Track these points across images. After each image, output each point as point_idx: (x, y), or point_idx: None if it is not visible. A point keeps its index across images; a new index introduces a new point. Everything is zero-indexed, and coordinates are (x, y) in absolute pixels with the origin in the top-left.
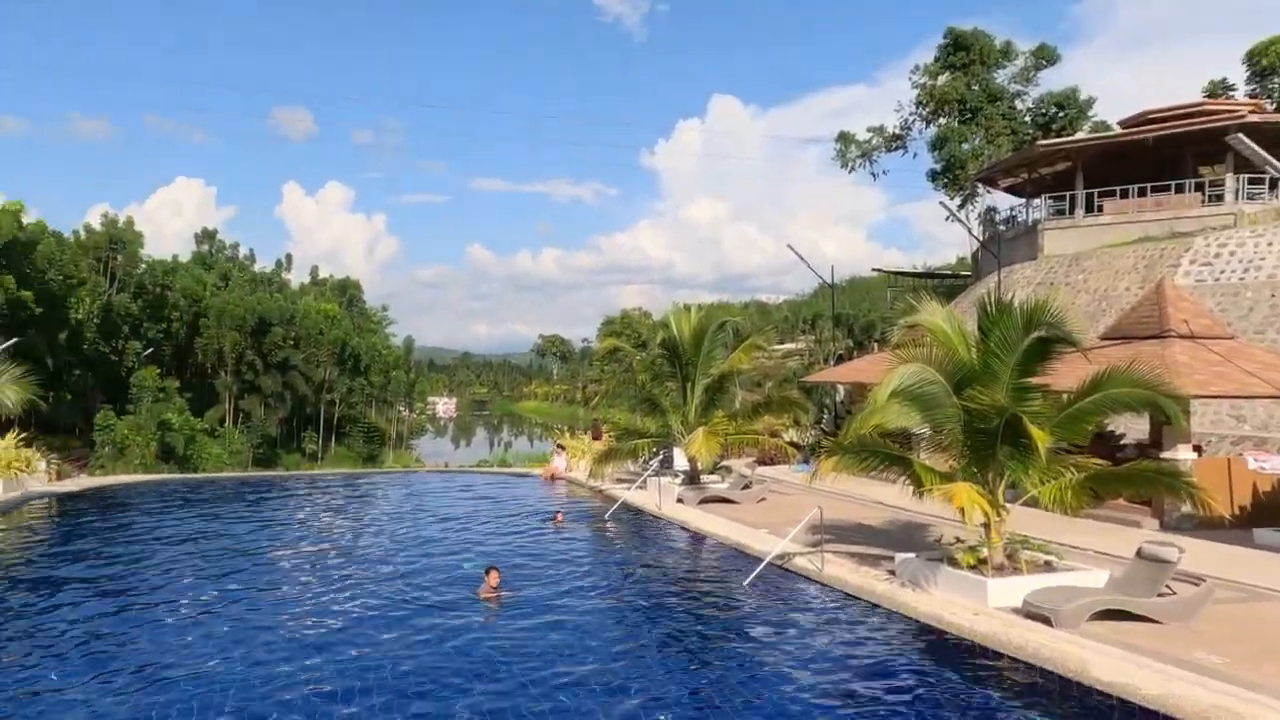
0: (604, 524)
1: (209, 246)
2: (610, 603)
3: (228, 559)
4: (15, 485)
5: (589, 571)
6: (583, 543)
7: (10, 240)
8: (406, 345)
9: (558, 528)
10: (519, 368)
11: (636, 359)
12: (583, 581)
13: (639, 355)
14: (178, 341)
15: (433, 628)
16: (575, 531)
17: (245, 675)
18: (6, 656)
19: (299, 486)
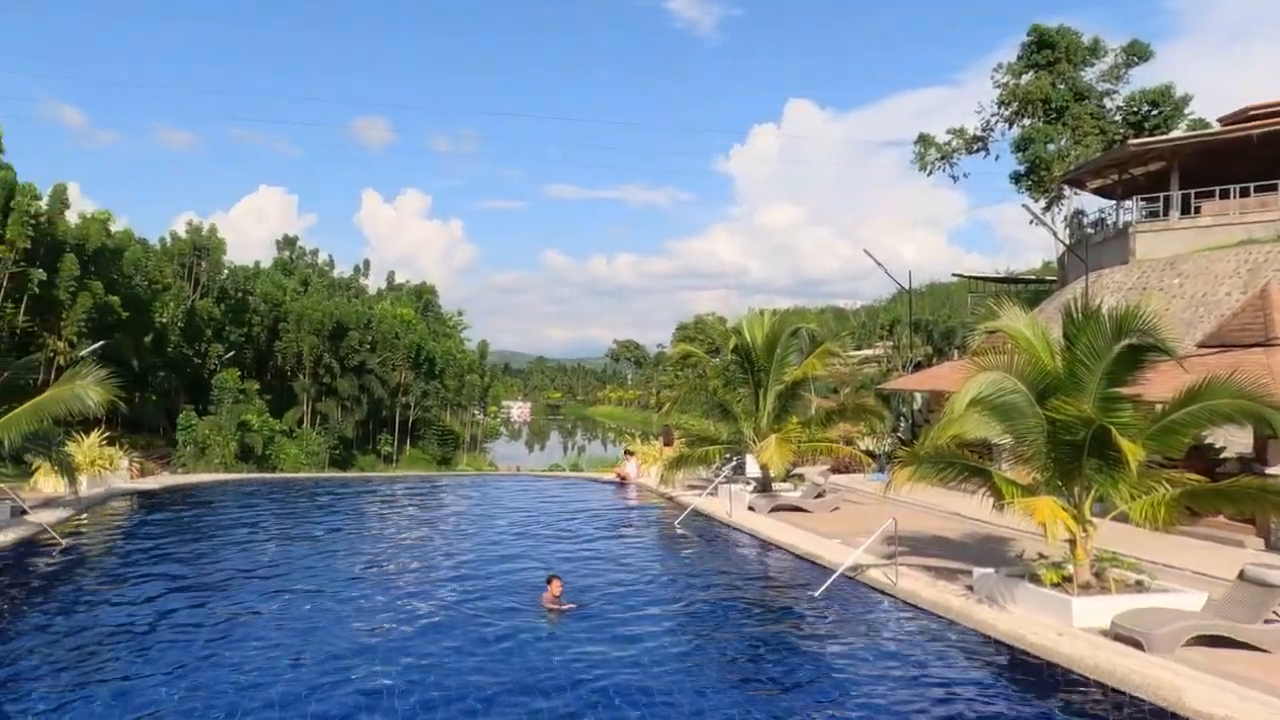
0: (674, 531)
1: (290, 253)
2: (678, 613)
3: (301, 558)
4: (99, 482)
5: (657, 580)
6: (651, 550)
7: (99, 247)
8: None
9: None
10: (593, 372)
11: (709, 365)
12: (650, 590)
13: (712, 361)
14: (258, 345)
15: (496, 638)
16: (644, 538)
17: (306, 677)
18: (85, 646)
19: (374, 488)
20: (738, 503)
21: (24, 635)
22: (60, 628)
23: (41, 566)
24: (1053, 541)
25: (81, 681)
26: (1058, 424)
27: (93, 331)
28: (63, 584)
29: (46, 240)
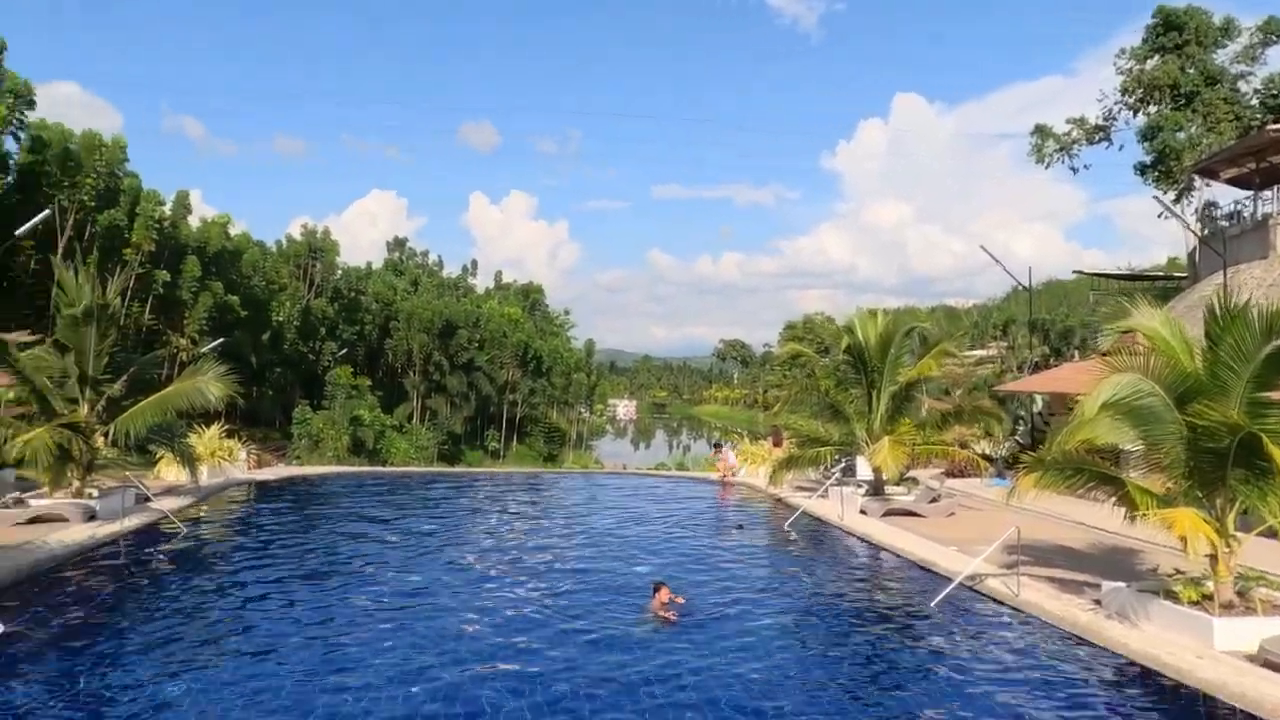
0: (783, 533)
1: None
2: (788, 618)
3: (408, 550)
4: (218, 472)
5: (767, 583)
6: (761, 552)
7: (219, 250)
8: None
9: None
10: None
11: (819, 365)
12: (760, 594)
13: (821, 361)
14: (370, 343)
15: (600, 641)
16: (754, 540)
17: (406, 668)
18: (200, 627)
19: (481, 483)
20: (849, 506)
21: (145, 615)
22: (179, 609)
23: (163, 551)
24: (1192, 556)
25: (195, 660)
26: (1199, 430)
27: (213, 329)
28: (182, 568)
29: (170, 243)
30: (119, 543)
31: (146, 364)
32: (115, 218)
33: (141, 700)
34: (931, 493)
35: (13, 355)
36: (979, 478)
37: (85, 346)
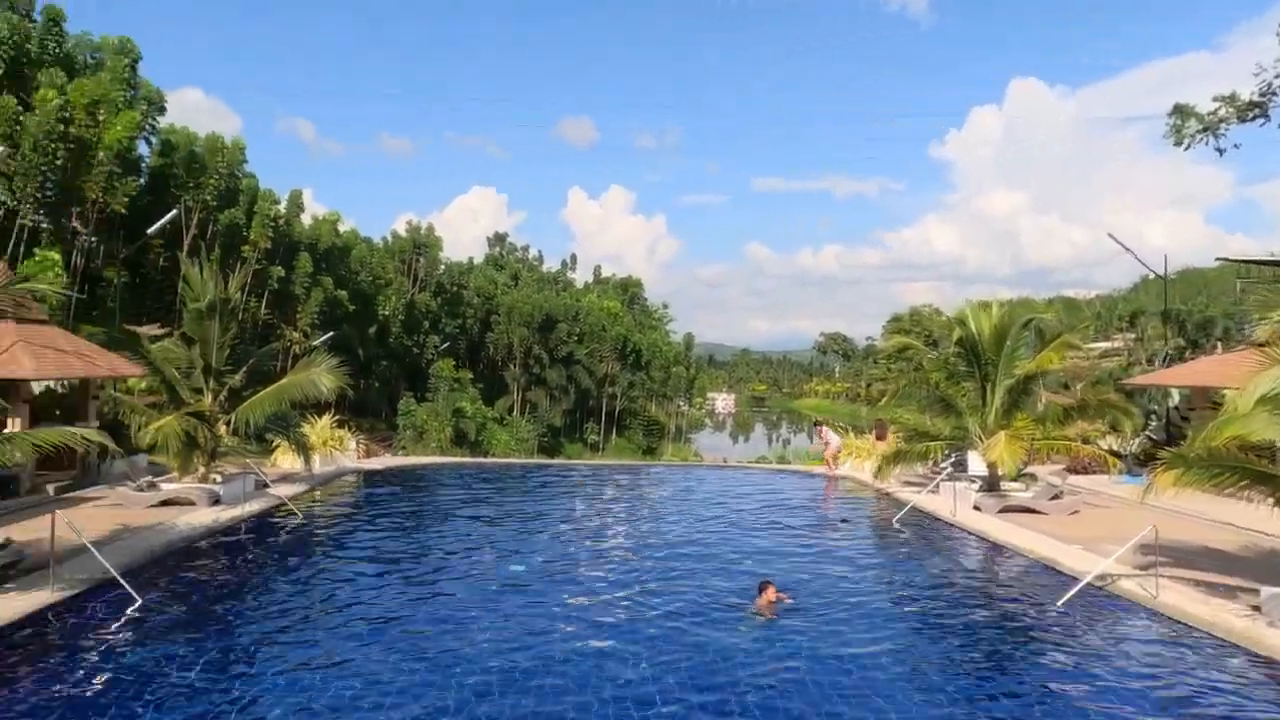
0: (891, 528)
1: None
2: (900, 616)
3: (509, 538)
4: (330, 461)
5: (876, 579)
6: (869, 547)
7: (329, 246)
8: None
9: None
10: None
11: (927, 358)
12: (869, 590)
13: (930, 354)
14: (471, 336)
15: (701, 641)
16: (860, 535)
17: (503, 657)
18: (314, 605)
19: (581, 475)
20: (962, 501)
21: (266, 592)
22: (296, 588)
23: (282, 534)
24: None
25: (311, 635)
26: None
27: (324, 323)
28: (299, 550)
29: (284, 240)
30: (241, 526)
31: (264, 356)
32: (235, 216)
33: (262, 670)
34: (1052, 489)
35: (145, 347)
36: (1106, 474)
37: (209, 339)
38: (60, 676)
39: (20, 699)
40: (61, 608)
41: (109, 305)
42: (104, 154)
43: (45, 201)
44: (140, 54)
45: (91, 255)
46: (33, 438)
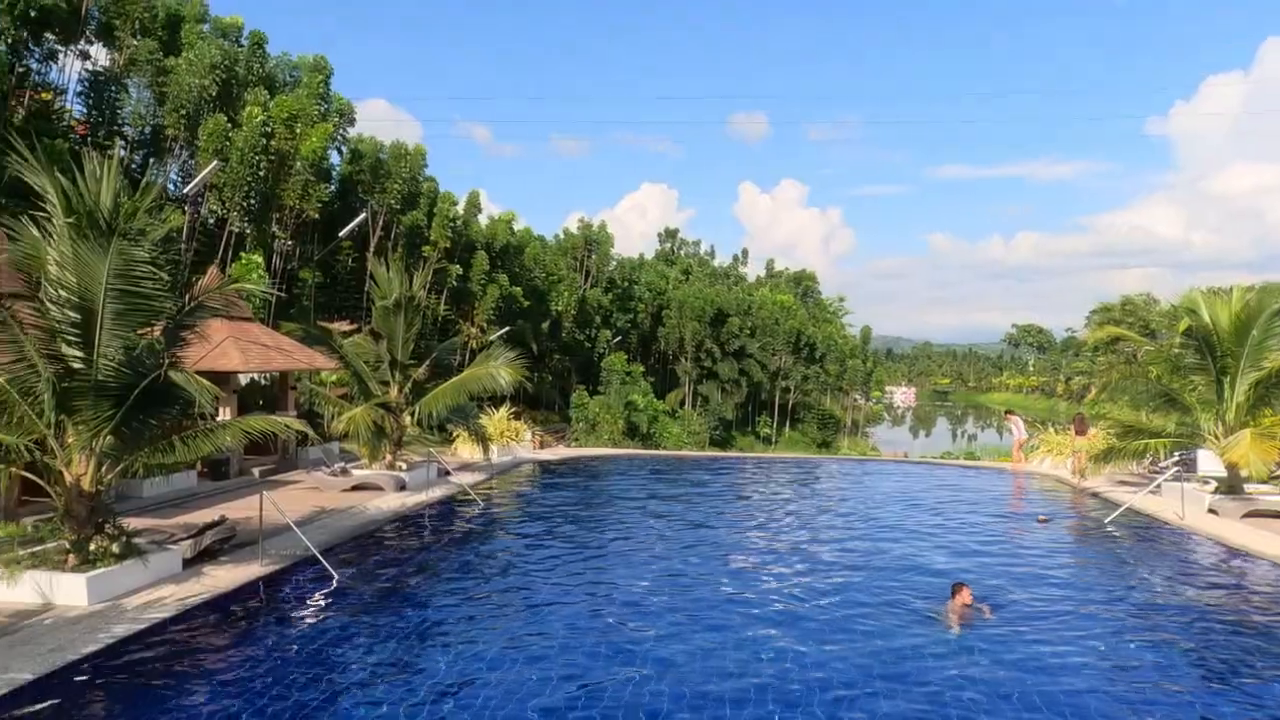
0: (1101, 530)
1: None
2: (1118, 628)
3: (682, 531)
4: (507, 452)
5: (1088, 587)
6: (1076, 551)
7: (504, 245)
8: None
9: (1042, 525)
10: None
11: (1144, 349)
12: (1080, 599)
13: (1147, 345)
14: (642, 331)
15: (888, 644)
16: (1064, 537)
17: (680, 655)
18: (495, 587)
19: (753, 468)
20: (1192, 504)
21: (450, 574)
22: (476, 570)
23: (463, 519)
24: None
25: (490, 615)
26: None
27: (499, 318)
28: (480, 535)
29: (462, 240)
30: (425, 511)
31: (445, 350)
32: (416, 218)
33: (448, 645)
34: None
35: (337, 342)
36: None
37: (395, 334)
38: (268, 641)
39: (233, 659)
40: (269, 580)
41: (304, 303)
42: (300, 164)
43: (249, 209)
44: (332, 70)
45: (289, 257)
46: (244, 425)
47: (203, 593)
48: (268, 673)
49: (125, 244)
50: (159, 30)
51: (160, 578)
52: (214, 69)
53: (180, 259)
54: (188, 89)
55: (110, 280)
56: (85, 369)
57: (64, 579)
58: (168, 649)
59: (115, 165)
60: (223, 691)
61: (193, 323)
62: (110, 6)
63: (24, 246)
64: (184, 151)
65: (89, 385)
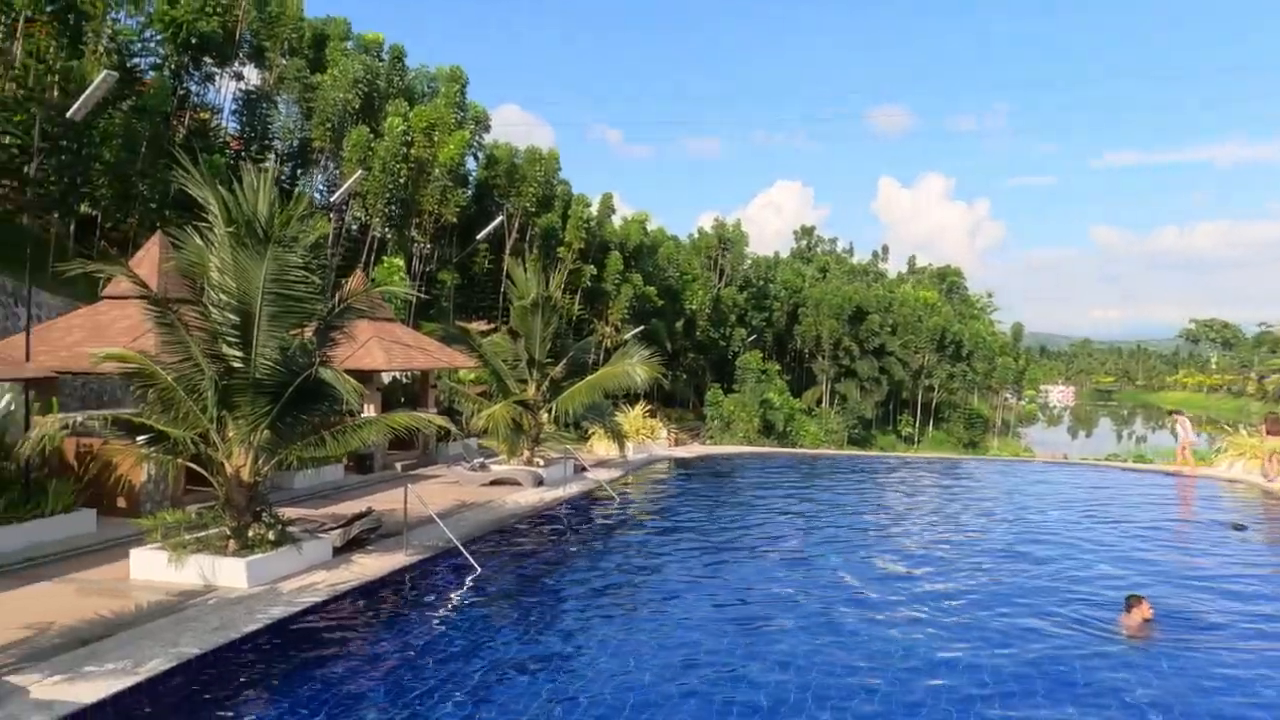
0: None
1: (807, 242)
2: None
3: (822, 532)
4: (642, 449)
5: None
6: (1272, 562)
7: (638, 245)
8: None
9: (1238, 534)
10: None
11: None
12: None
13: None
14: (778, 329)
15: (1049, 659)
16: (1258, 547)
17: (819, 655)
18: (630, 582)
19: (893, 467)
20: None
21: (586, 567)
22: (612, 565)
23: (599, 515)
24: None
25: (625, 607)
26: None
27: (633, 317)
28: (615, 531)
29: (596, 241)
30: (562, 506)
31: (581, 349)
32: (551, 220)
33: (587, 637)
34: None
35: (476, 341)
36: None
37: (533, 333)
38: (413, 627)
39: (380, 643)
40: (414, 570)
41: (443, 304)
42: (439, 171)
43: (391, 215)
44: (467, 79)
45: (428, 260)
46: (390, 420)
47: (352, 579)
48: (412, 657)
49: (280, 250)
50: (306, 49)
51: (312, 564)
52: (357, 83)
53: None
54: (333, 103)
55: (266, 284)
56: (244, 368)
57: (225, 563)
58: (320, 631)
59: (270, 177)
60: (370, 672)
61: (341, 324)
62: (261, 30)
63: (189, 254)
64: (329, 162)
65: (248, 383)
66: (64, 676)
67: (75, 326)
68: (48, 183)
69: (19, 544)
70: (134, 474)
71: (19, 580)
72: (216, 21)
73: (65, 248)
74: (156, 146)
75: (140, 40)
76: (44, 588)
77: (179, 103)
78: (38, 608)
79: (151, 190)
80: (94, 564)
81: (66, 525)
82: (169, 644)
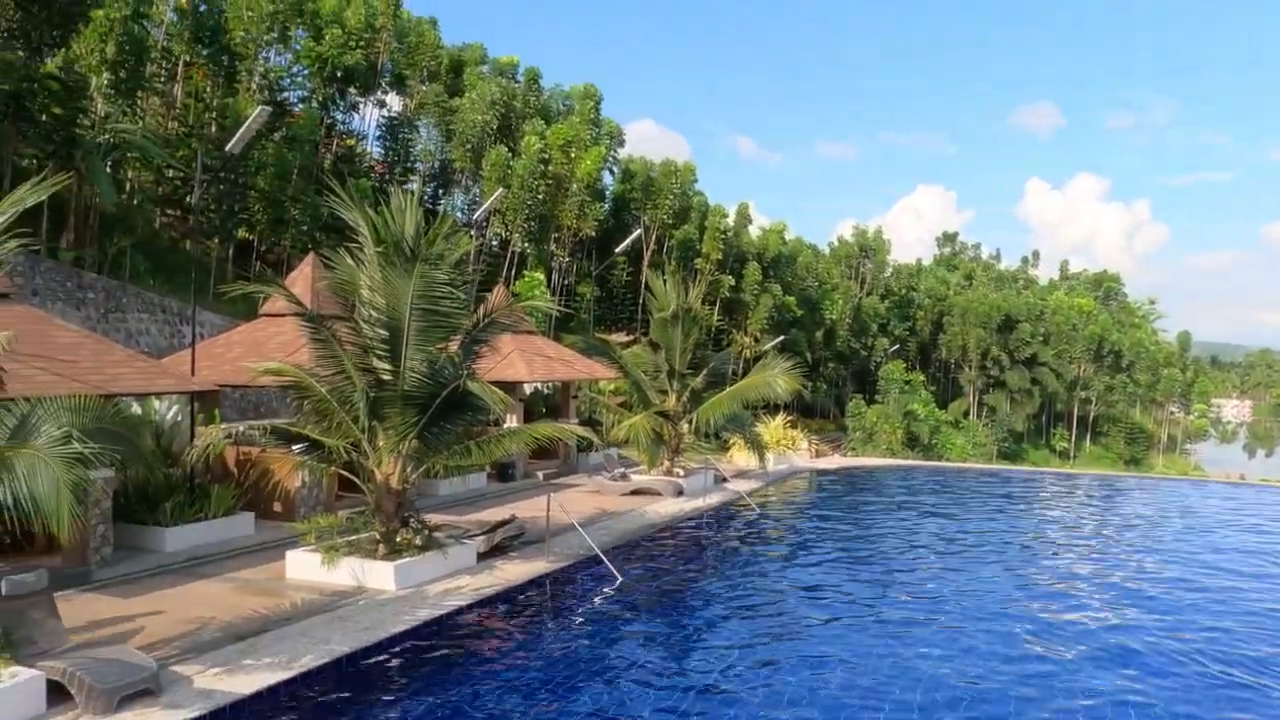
0: None
1: (950, 248)
2: None
3: (964, 549)
4: (783, 460)
5: None
6: None
7: (775, 255)
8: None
9: None
10: None
11: None
12: None
13: None
14: (921, 338)
15: (1227, 690)
16: None
17: (964, 673)
18: (773, 597)
19: (1048, 484)
20: None
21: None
22: (752, 577)
23: (740, 526)
24: None
25: (766, 621)
26: None
27: (772, 328)
28: (755, 542)
29: (733, 251)
30: (702, 516)
31: (721, 360)
32: (688, 232)
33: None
34: None
35: (617, 353)
36: None
37: (673, 344)
38: (553, 632)
39: (521, 646)
40: (555, 576)
41: (583, 317)
42: (576, 186)
43: (530, 231)
44: (601, 96)
45: (567, 273)
46: (534, 431)
47: (495, 584)
48: (551, 660)
49: (426, 268)
50: (444, 75)
51: (457, 569)
52: (494, 105)
53: (471, 280)
54: (471, 125)
55: (414, 301)
56: (394, 380)
57: (375, 566)
58: (463, 632)
59: (415, 199)
60: (509, 674)
61: (485, 338)
62: (401, 59)
63: (340, 273)
64: (470, 181)
65: (397, 395)
66: (223, 668)
67: (235, 343)
68: (208, 211)
69: (184, 544)
70: (290, 480)
71: (184, 578)
72: (360, 54)
73: (225, 270)
74: (307, 174)
75: (289, 75)
76: (205, 585)
77: (326, 131)
78: (200, 604)
79: (303, 214)
80: (252, 564)
81: (228, 528)
82: (321, 641)
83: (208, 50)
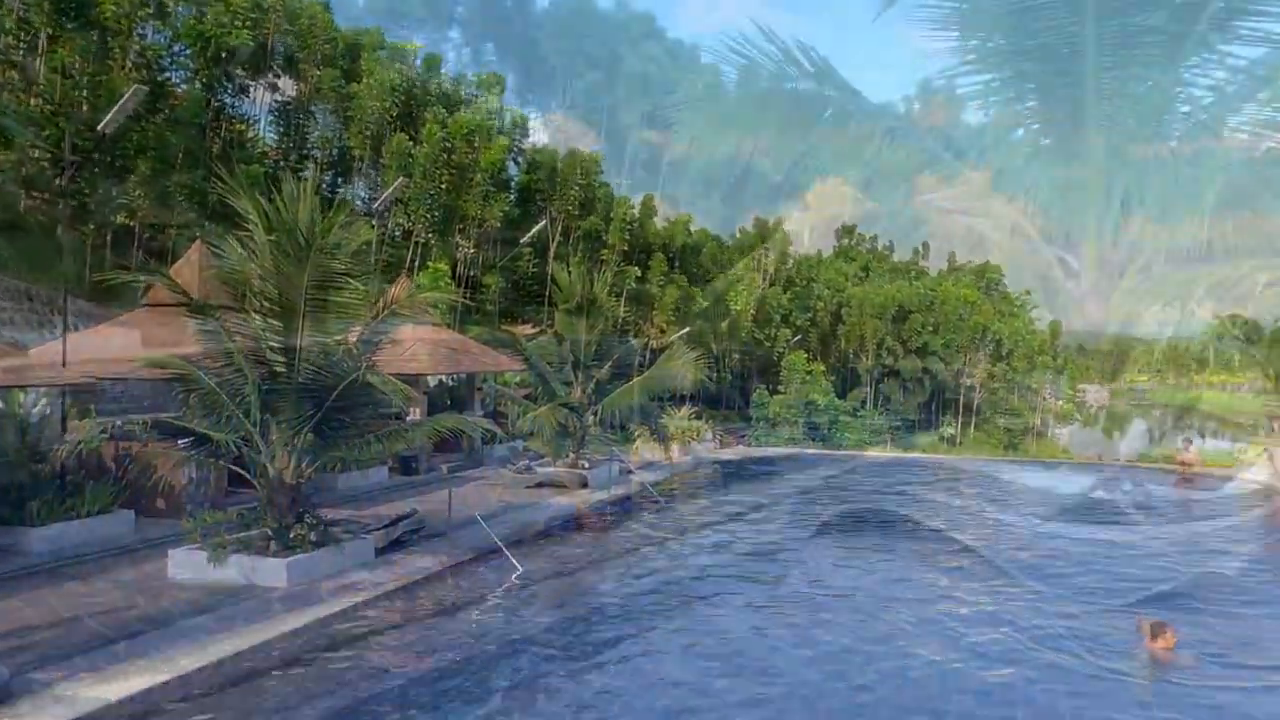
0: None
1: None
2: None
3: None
4: (688, 451)
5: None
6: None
7: (681, 246)
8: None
9: None
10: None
11: None
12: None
13: None
14: (822, 329)
15: (1086, 674)
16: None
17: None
18: (677, 587)
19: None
20: None
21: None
22: (656, 566)
23: (644, 516)
24: None
25: (671, 613)
26: None
27: (678, 319)
28: (662, 533)
29: (639, 243)
30: (607, 508)
31: (627, 351)
32: (594, 223)
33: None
34: None
35: (522, 345)
36: None
37: (578, 336)
38: (454, 626)
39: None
40: (456, 569)
41: (488, 308)
42: (480, 176)
43: (434, 221)
44: (506, 86)
45: (472, 264)
46: (437, 424)
47: (392, 579)
48: (452, 655)
49: (322, 258)
50: (340, 60)
51: (354, 564)
52: (393, 91)
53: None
54: (370, 112)
55: (309, 290)
56: (287, 373)
57: (266, 563)
58: (358, 629)
59: (311, 186)
60: (409, 670)
61: (386, 329)
62: (294, 41)
63: (230, 262)
64: (370, 170)
65: (291, 387)
66: (89, 674)
67: (114, 334)
68: (81, 195)
69: (54, 544)
70: (175, 476)
71: (52, 579)
72: (246, 34)
73: (103, 258)
74: (193, 158)
75: (169, 54)
76: (76, 586)
77: (215, 115)
78: (68, 606)
79: (189, 201)
80: (131, 563)
81: (104, 526)
82: (201, 642)
83: (73, 24)
